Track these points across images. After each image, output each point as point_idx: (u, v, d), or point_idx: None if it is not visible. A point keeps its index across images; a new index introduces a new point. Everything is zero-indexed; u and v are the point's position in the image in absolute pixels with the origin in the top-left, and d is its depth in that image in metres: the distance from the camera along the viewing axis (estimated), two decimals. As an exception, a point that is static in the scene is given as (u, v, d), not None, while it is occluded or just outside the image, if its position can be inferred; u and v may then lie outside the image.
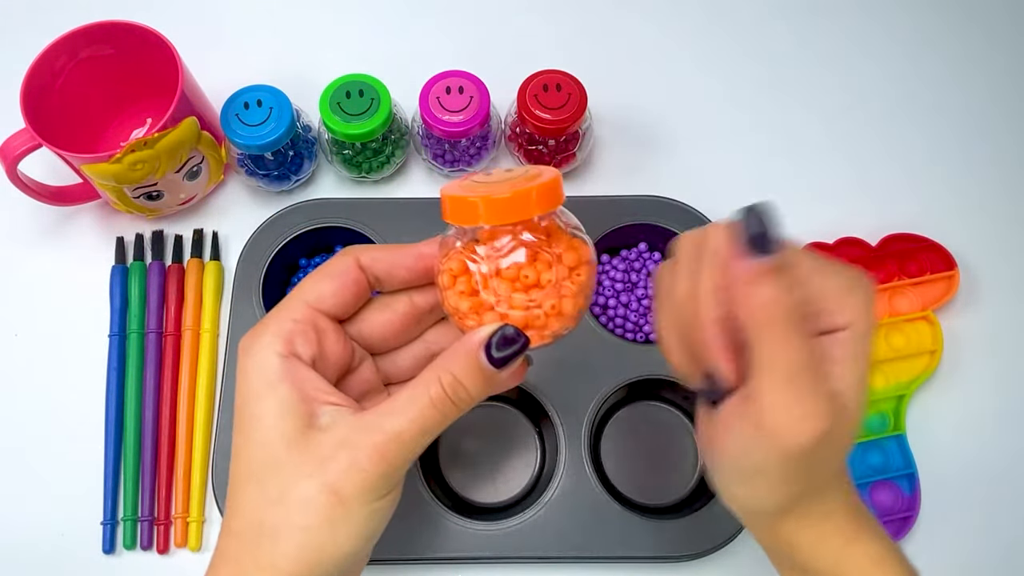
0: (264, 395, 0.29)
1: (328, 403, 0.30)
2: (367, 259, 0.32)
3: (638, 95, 0.62)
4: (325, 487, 0.28)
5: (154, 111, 0.58)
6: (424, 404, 0.29)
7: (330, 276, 0.32)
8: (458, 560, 0.46)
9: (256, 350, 0.30)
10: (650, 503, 0.50)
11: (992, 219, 0.58)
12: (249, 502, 0.29)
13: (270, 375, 0.29)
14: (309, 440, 0.29)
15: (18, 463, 0.52)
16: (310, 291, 0.32)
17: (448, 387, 0.29)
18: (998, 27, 0.65)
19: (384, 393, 0.35)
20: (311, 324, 0.31)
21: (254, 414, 0.29)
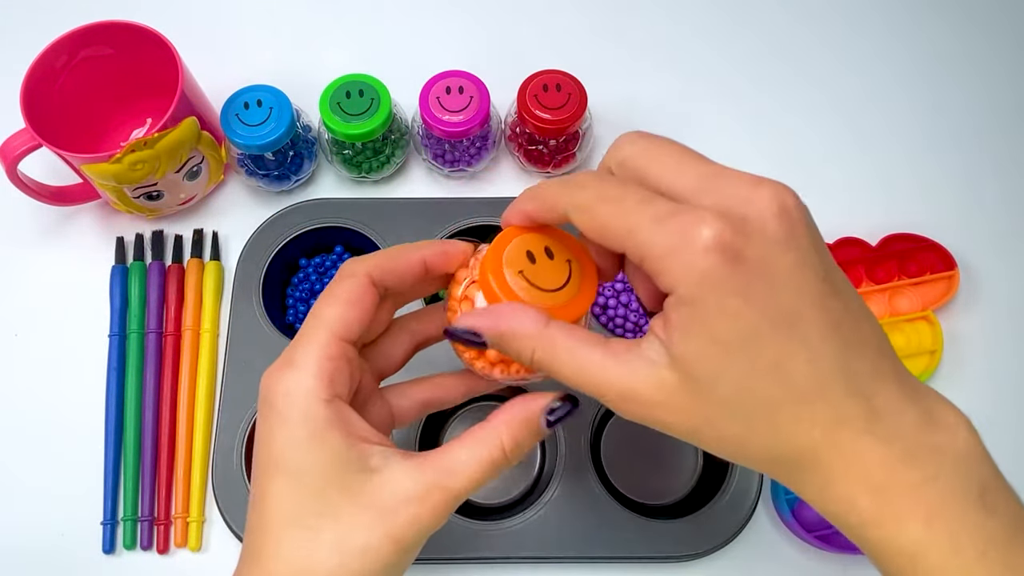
0: (313, 445, 0.29)
1: (374, 443, 0.30)
2: (379, 273, 0.32)
3: (638, 95, 0.62)
4: (389, 537, 0.28)
5: (154, 111, 0.58)
6: (485, 465, 0.30)
7: (351, 302, 0.31)
8: (458, 560, 0.46)
9: (296, 396, 0.29)
10: (650, 503, 0.50)
11: (992, 219, 0.58)
12: (298, 547, 0.28)
13: (318, 425, 0.29)
14: (365, 487, 0.29)
15: (18, 463, 0.52)
16: (336, 321, 0.30)
17: (509, 448, 0.30)
18: (998, 27, 0.65)
19: (380, 396, 0.35)
20: (345, 359, 0.30)
21: (302, 463, 0.29)
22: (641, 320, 0.53)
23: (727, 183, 0.26)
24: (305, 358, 0.30)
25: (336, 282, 0.32)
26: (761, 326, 0.25)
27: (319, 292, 0.53)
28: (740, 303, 0.24)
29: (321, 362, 0.30)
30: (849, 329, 0.26)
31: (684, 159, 0.27)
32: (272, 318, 0.51)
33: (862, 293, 0.54)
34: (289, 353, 0.31)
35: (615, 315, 0.53)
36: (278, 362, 0.31)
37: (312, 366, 0.29)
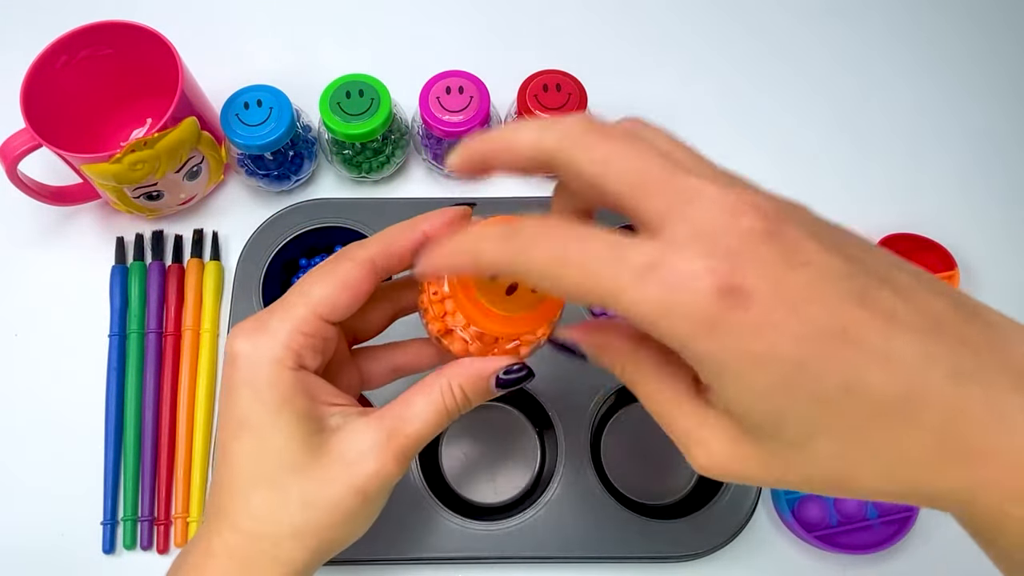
0: (279, 408, 0.30)
1: (335, 405, 0.31)
2: (383, 259, 0.32)
3: (638, 95, 0.62)
4: (354, 489, 0.30)
5: (154, 111, 0.58)
6: (439, 409, 0.31)
7: (345, 286, 0.31)
8: (458, 560, 0.46)
9: (265, 362, 0.30)
10: (650, 503, 0.50)
11: (992, 219, 0.58)
12: (266, 505, 0.30)
13: (284, 390, 0.30)
14: (328, 444, 0.30)
15: (18, 463, 0.52)
16: (323, 302, 0.30)
17: (459, 399, 0.31)
18: (999, 27, 0.65)
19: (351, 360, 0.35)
20: (320, 336, 0.31)
21: (266, 424, 0.30)
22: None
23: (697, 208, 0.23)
24: (279, 327, 0.30)
25: (334, 261, 0.31)
26: (806, 356, 0.21)
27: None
28: (769, 344, 0.21)
29: (293, 335, 0.30)
30: (910, 311, 0.22)
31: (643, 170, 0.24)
32: (272, 318, 0.51)
33: (862, 293, 0.54)
34: (264, 317, 0.31)
35: (615, 315, 0.53)
36: (249, 322, 0.31)
37: (283, 336, 0.30)
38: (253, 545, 0.30)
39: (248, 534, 0.30)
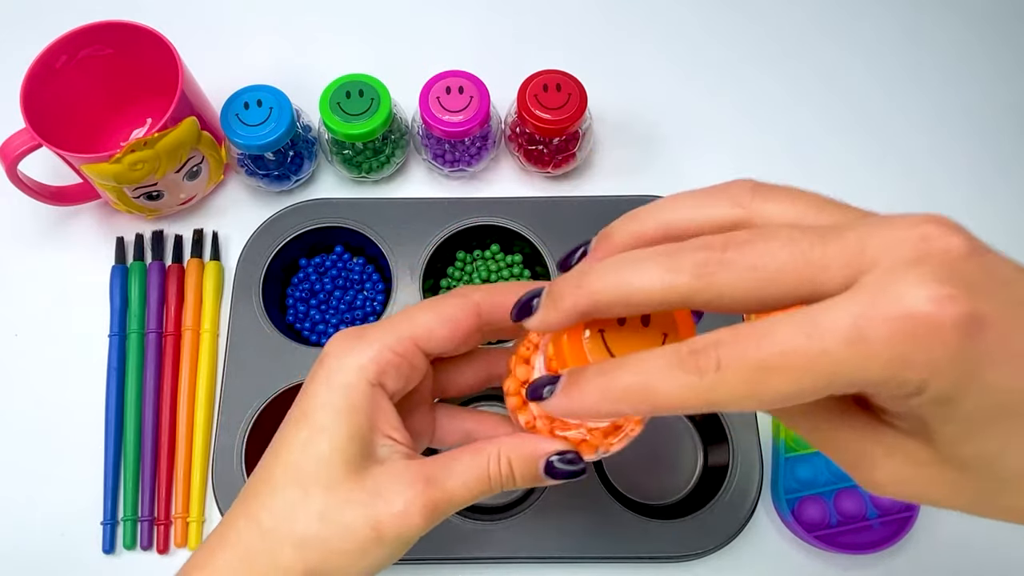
0: (341, 415, 0.29)
1: (392, 439, 0.31)
2: (488, 306, 0.31)
3: (638, 95, 0.62)
4: (371, 521, 0.29)
5: (154, 111, 0.58)
6: (482, 476, 0.30)
7: (446, 320, 0.31)
8: (458, 560, 0.46)
9: (349, 367, 0.30)
10: (650, 503, 0.50)
11: (992, 219, 0.58)
12: (287, 504, 0.29)
13: (355, 399, 0.30)
14: (367, 470, 0.30)
15: (18, 463, 0.52)
16: (423, 328, 0.31)
17: (503, 472, 0.30)
18: (1000, 27, 0.65)
19: (430, 408, 0.35)
20: (409, 363, 0.31)
21: (325, 427, 0.29)
22: (641, 320, 0.53)
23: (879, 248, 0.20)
24: (374, 339, 0.30)
25: (446, 297, 0.32)
26: None
27: (319, 292, 0.53)
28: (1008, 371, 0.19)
29: (383, 351, 0.30)
30: None
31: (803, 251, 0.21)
32: (272, 318, 0.51)
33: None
34: (367, 327, 0.31)
35: (615, 315, 0.53)
36: (353, 329, 0.31)
37: (374, 348, 0.30)
38: (260, 541, 0.29)
39: (260, 528, 0.29)
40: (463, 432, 0.35)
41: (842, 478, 0.50)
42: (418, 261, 0.52)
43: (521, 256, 0.55)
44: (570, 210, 0.53)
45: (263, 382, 0.49)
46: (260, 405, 0.49)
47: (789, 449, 0.50)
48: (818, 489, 0.50)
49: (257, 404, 0.49)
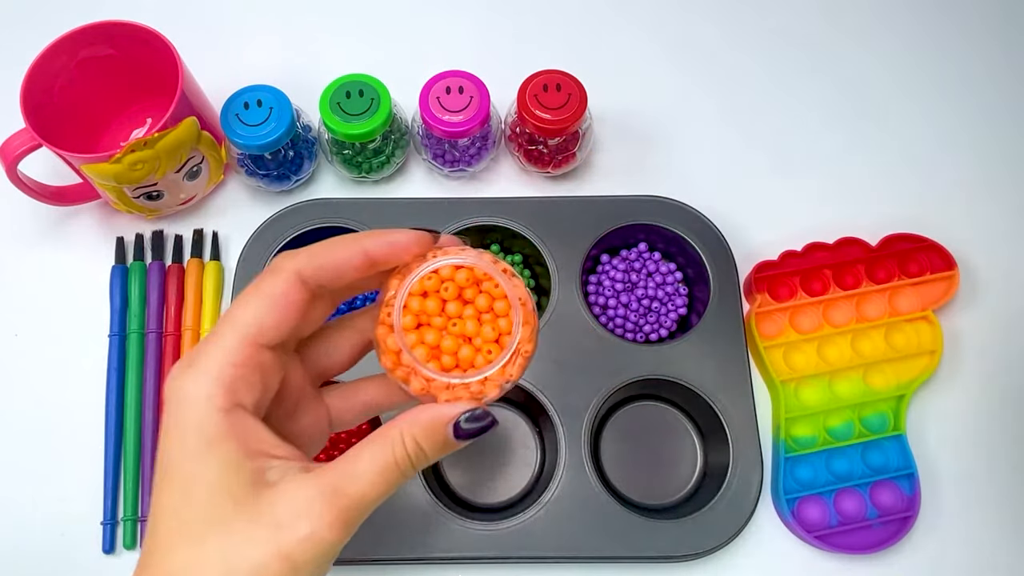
0: (205, 454, 0.27)
1: (275, 456, 0.28)
2: (310, 270, 0.29)
3: (638, 95, 0.62)
4: (280, 555, 0.26)
5: (154, 111, 0.58)
6: (387, 466, 0.28)
7: (272, 303, 0.28)
8: (458, 560, 0.46)
9: (192, 401, 0.27)
10: (650, 503, 0.50)
11: (992, 219, 0.58)
12: (184, 563, 0.26)
13: (212, 432, 0.27)
14: (259, 501, 0.27)
15: (18, 463, 0.52)
16: (251, 324, 0.28)
17: (412, 453, 0.28)
18: (999, 28, 0.65)
19: (315, 397, 0.33)
20: (254, 366, 0.28)
21: (191, 473, 0.27)
22: (641, 320, 0.53)
23: None
24: (207, 362, 0.27)
25: (260, 277, 0.29)
26: None
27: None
28: None
29: (224, 368, 0.27)
30: None
31: None
32: (272, 318, 0.51)
33: (862, 293, 0.54)
34: (193, 354, 0.28)
35: (615, 315, 0.53)
36: (181, 361, 0.28)
37: (213, 371, 0.27)
38: None
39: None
40: (362, 405, 0.33)
41: (842, 478, 0.50)
42: (418, 261, 0.52)
43: (521, 256, 0.55)
44: (570, 210, 0.53)
45: (263, 382, 0.49)
46: (260, 405, 0.49)
47: (789, 449, 0.50)
48: (818, 489, 0.50)
49: None
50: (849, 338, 0.53)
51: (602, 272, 0.55)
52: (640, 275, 0.54)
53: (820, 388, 0.52)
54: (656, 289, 0.54)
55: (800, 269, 0.54)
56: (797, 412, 0.51)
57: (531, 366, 0.48)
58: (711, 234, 0.53)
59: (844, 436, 0.51)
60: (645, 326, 0.53)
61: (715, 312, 0.51)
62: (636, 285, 0.54)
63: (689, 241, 0.53)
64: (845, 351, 0.53)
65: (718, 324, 0.51)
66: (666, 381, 0.50)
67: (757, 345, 0.52)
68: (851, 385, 0.52)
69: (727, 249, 0.53)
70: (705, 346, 0.51)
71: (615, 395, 0.50)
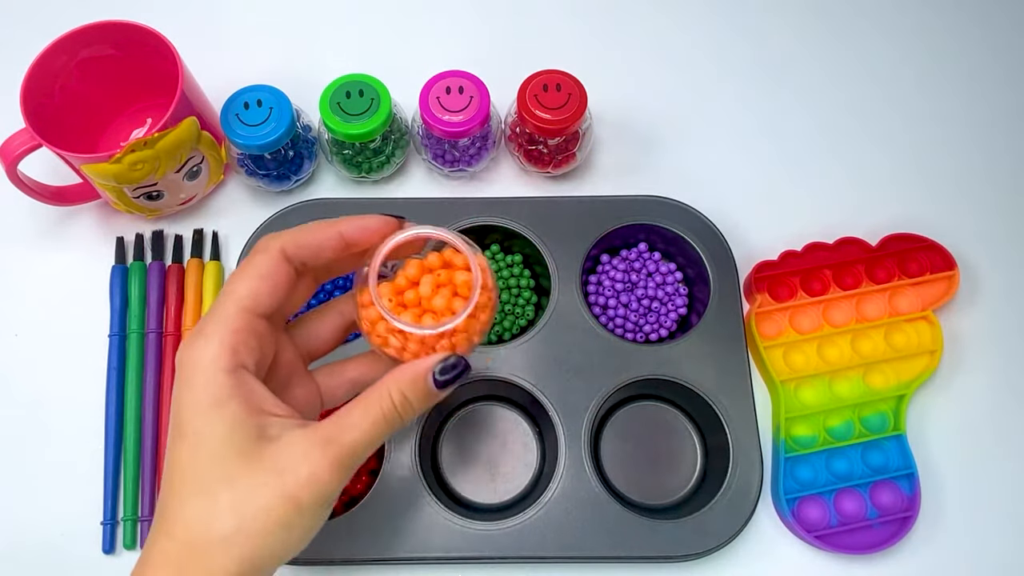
0: (213, 412, 0.30)
1: (275, 415, 0.31)
2: (292, 248, 0.33)
3: (638, 95, 0.62)
4: (285, 496, 0.29)
5: (154, 111, 0.58)
6: (377, 418, 0.31)
7: (262, 277, 0.32)
8: (458, 560, 0.46)
9: (202, 365, 0.30)
10: (650, 503, 0.50)
11: (992, 219, 0.58)
12: (197, 512, 0.30)
13: (218, 392, 0.30)
14: (263, 452, 0.30)
15: (18, 463, 0.52)
16: (246, 295, 0.32)
17: (399, 404, 0.32)
18: (997, 28, 0.65)
19: (306, 374, 0.36)
20: (252, 331, 0.32)
21: (201, 430, 0.30)
22: (641, 320, 0.53)
23: None
24: (213, 328, 0.31)
25: (249, 257, 0.33)
26: None
27: (319, 292, 0.53)
28: None
29: (225, 334, 0.31)
30: None
31: None
32: (272, 318, 0.51)
33: (862, 293, 0.54)
34: (200, 325, 0.32)
35: (615, 315, 0.53)
36: (191, 333, 0.32)
37: (216, 336, 0.31)
38: (185, 553, 0.29)
39: (181, 542, 0.30)
40: (349, 382, 0.37)
41: (842, 478, 0.50)
42: (418, 261, 0.52)
43: (521, 256, 0.55)
44: (570, 210, 0.53)
45: (263, 382, 0.49)
46: (260, 405, 0.49)
47: (789, 449, 0.50)
48: (818, 489, 0.50)
49: None
50: (849, 338, 0.53)
51: (602, 272, 0.55)
52: (640, 275, 0.54)
53: (820, 388, 0.52)
54: (656, 289, 0.54)
55: (800, 269, 0.54)
56: (797, 412, 0.51)
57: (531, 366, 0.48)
58: (711, 234, 0.53)
59: (844, 436, 0.51)
60: (645, 326, 0.53)
61: (715, 312, 0.51)
62: (636, 285, 0.54)
63: (689, 241, 0.53)
64: (845, 351, 0.53)
65: (718, 324, 0.51)
66: (666, 381, 0.50)
67: (757, 345, 0.52)
68: (851, 385, 0.52)
69: (727, 249, 0.53)
70: (705, 346, 0.51)
71: (615, 395, 0.50)
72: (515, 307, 0.54)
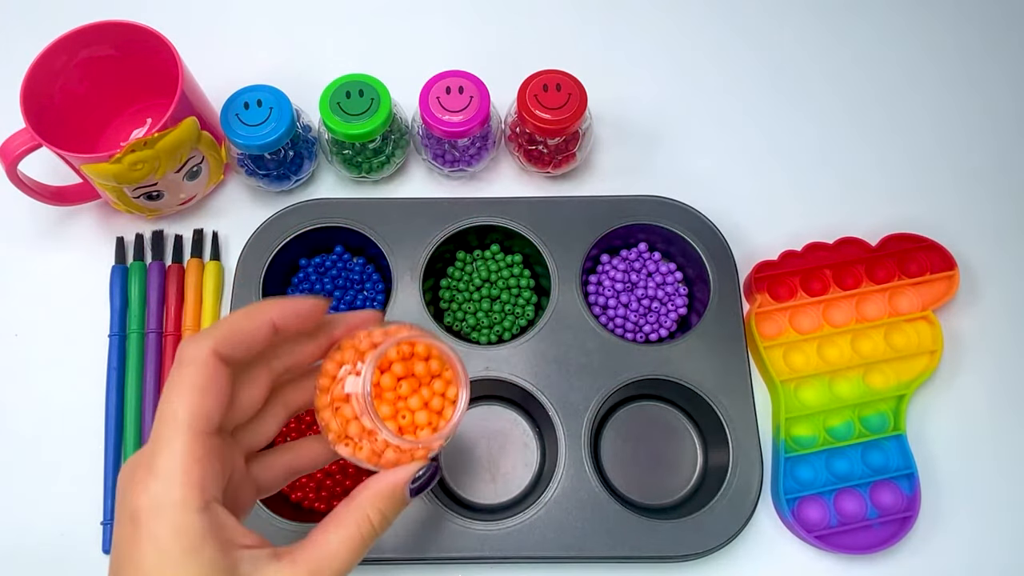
0: (186, 562, 0.26)
1: (244, 547, 0.28)
2: (226, 348, 0.29)
3: (638, 95, 0.62)
4: None
5: (154, 111, 0.58)
6: (356, 540, 0.30)
7: (203, 390, 0.28)
8: (458, 560, 0.46)
9: (166, 511, 0.26)
10: (650, 503, 0.50)
11: (992, 219, 0.58)
12: None
13: (192, 539, 0.26)
14: None
15: (18, 463, 0.52)
16: (194, 416, 0.28)
17: (377, 524, 0.30)
18: (997, 28, 0.65)
19: (248, 473, 0.33)
20: (214, 455, 0.28)
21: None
22: (641, 320, 0.53)
23: None
24: (168, 465, 0.27)
25: (179, 368, 0.29)
26: None
27: (319, 292, 0.53)
28: None
29: (188, 467, 0.27)
30: None
31: None
32: (272, 318, 0.51)
33: (862, 293, 0.54)
34: (148, 458, 0.27)
35: (615, 315, 0.53)
36: (138, 470, 0.27)
37: (178, 474, 0.27)
38: None
39: None
40: (284, 472, 0.34)
41: (842, 478, 0.50)
42: (418, 261, 0.52)
43: (521, 256, 0.55)
44: (570, 210, 0.53)
45: (263, 382, 0.49)
46: (260, 405, 0.49)
47: (789, 449, 0.50)
48: (818, 489, 0.50)
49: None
50: (849, 338, 0.53)
51: (602, 272, 0.55)
52: (640, 275, 0.54)
53: (820, 388, 0.52)
54: (656, 289, 0.54)
55: (800, 269, 0.54)
56: (797, 412, 0.51)
57: (531, 366, 0.48)
58: (711, 234, 0.53)
59: (844, 436, 0.51)
60: (645, 326, 0.53)
61: (715, 312, 0.51)
62: (636, 285, 0.54)
63: (689, 241, 0.53)
64: (845, 351, 0.53)
65: (718, 324, 0.51)
66: (666, 381, 0.50)
67: (757, 345, 0.52)
68: (851, 385, 0.52)
69: (727, 249, 0.53)
70: (705, 346, 0.51)
71: (615, 395, 0.50)
72: (515, 307, 0.54)
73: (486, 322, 0.53)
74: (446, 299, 0.55)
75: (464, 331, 0.54)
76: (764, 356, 0.52)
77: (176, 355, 0.29)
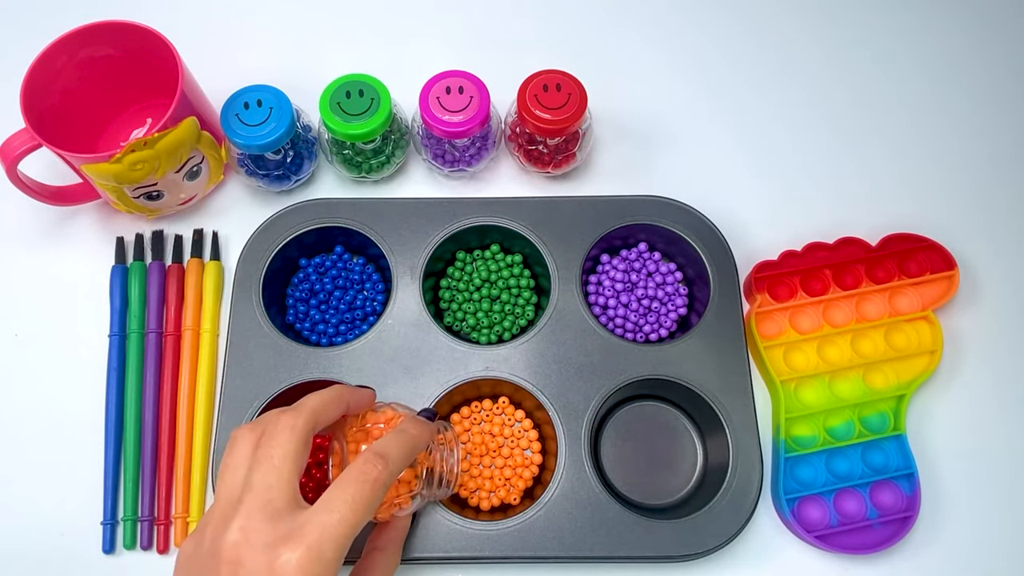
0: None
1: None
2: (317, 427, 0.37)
3: (638, 95, 0.62)
4: None
5: (154, 111, 0.58)
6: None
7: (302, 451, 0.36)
8: (458, 560, 0.46)
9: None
10: (650, 503, 0.50)
11: (992, 219, 0.58)
12: None
13: None
14: None
15: (19, 463, 0.52)
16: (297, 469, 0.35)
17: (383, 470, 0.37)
18: (998, 27, 0.65)
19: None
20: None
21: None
22: (641, 320, 0.53)
23: None
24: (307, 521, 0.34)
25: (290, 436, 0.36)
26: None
27: (319, 292, 0.53)
28: None
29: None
30: None
31: None
32: (272, 318, 0.51)
33: (862, 293, 0.54)
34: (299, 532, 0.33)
35: (615, 315, 0.53)
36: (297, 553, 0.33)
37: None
38: None
39: None
40: None
41: (842, 478, 0.50)
42: (418, 261, 0.52)
43: (521, 256, 0.55)
44: (570, 210, 0.53)
45: (263, 382, 0.49)
46: (260, 405, 0.49)
47: (789, 449, 0.50)
48: (818, 489, 0.50)
49: (257, 404, 0.49)
50: (849, 338, 0.53)
51: (602, 272, 0.55)
52: (640, 275, 0.54)
53: (820, 388, 0.52)
54: (656, 289, 0.54)
55: (800, 269, 0.54)
56: (797, 412, 0.51)
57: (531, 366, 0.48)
58: (711, 234, 0.53)
59: (844, 436, 0.51)
60: (645, 326, 0.53)
61: (715, 312, 0.51)
62: (636, 285, 0.54)
63: (689, 241, 0.53)
64: (845, 351, 0.53)
65: (718, 324, 0.51)
66: (666, 381, 0.50)
67: (757, 345, 0.52)
68: (851, 385, 0.52)
69: (727, 249, 0.53)
70: (705, 346, 0.51)
71: (615, 395, 0.50)
72: (515, 307, 0.54)
73: (486, 322, 0.53)
74: (446, 299, 0.55)
75: (464, 331, 0.54)
76: (764, 356, 0.52)
77: (272, 422, 0.36)
